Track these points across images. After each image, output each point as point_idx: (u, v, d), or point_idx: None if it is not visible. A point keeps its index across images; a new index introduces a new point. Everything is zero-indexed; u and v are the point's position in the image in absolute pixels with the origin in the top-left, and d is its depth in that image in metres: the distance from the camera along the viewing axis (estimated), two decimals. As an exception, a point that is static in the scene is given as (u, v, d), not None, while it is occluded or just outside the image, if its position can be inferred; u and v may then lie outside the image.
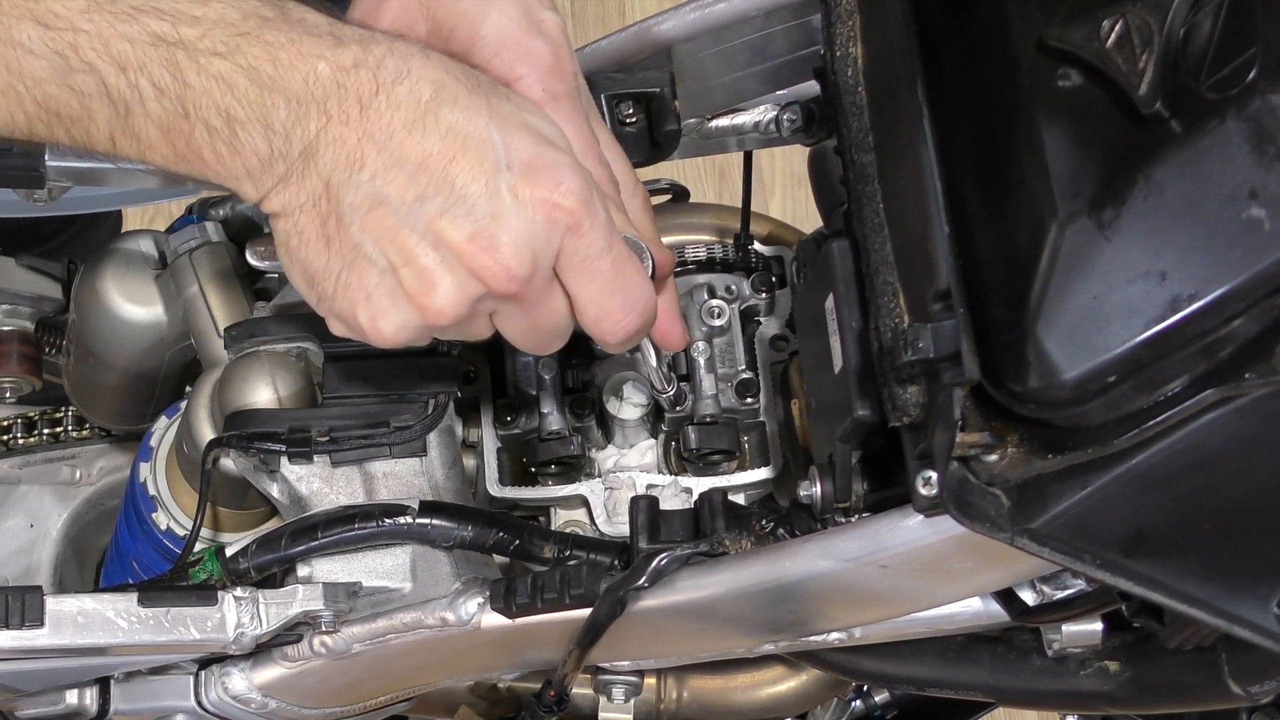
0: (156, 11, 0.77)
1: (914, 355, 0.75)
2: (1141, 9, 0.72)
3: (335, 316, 0.84)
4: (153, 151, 0.80)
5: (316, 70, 0.78)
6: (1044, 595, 0.92)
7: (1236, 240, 0.69)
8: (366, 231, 0.79)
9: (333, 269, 0.81)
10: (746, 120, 1.07)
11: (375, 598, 0.97)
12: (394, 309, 0.81)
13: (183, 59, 0.77)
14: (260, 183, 0.80)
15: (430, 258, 0.79)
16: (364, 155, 0.78)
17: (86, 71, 0.77)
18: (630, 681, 1.15)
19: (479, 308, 0.82)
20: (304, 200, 0.80)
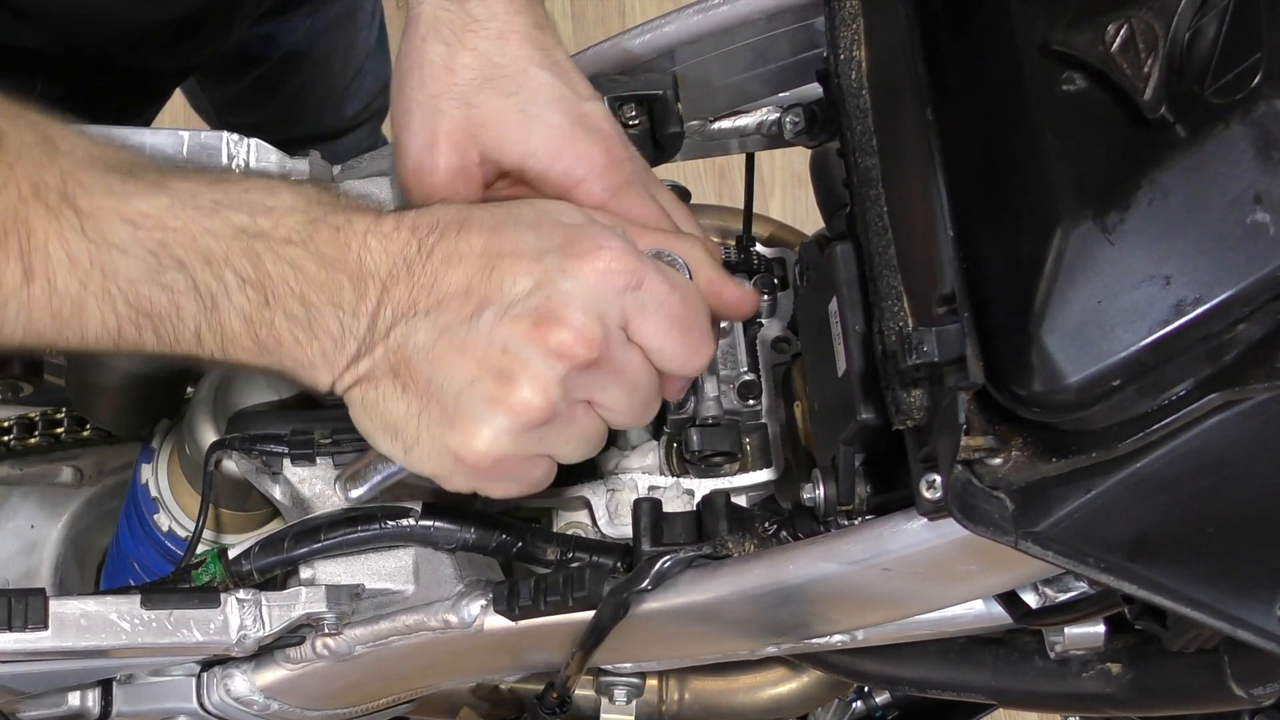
0: (234, 205, 0.79)
1: (918, 359, 0.75)
2: (1146, 13, 0.72)
3: (427, 464, 0.82)
4: (235, 346, 0.80)
5: (369, 245, 0.81)
6: (1047, 598, 0.92)
7: (1241, 245, 0.69)
8: (435, 364, 0.80)
9: (412, 411, 0.81)
10: (749, 122, 1.07)
11: (378, 600, 0.97)
12: (480, 423, 0.80)
13: (262, 248, 0.79)
14: (334, 364, 0.82)
15: (502, 359, 0.79)
16: (416, 303, 0.80)
17: (176, 268, 0.78)
18: (632, 683, 1.15)
19: (570, 392, 0.81)
20: (374, 366, 0.81)
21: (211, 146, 1.02)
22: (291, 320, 0.80)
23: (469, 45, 0.92)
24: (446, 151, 0.92)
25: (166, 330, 0.79)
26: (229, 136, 1.02)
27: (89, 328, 0.78)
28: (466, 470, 0.82)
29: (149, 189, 0.79)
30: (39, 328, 0.77)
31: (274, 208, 0.80)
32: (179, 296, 0.79)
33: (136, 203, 0.78)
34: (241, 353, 0.81)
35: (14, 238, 0.75)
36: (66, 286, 0.77)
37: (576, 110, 0.93)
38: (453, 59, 0.92)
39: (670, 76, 1.02)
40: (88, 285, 0.77)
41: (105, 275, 0.77)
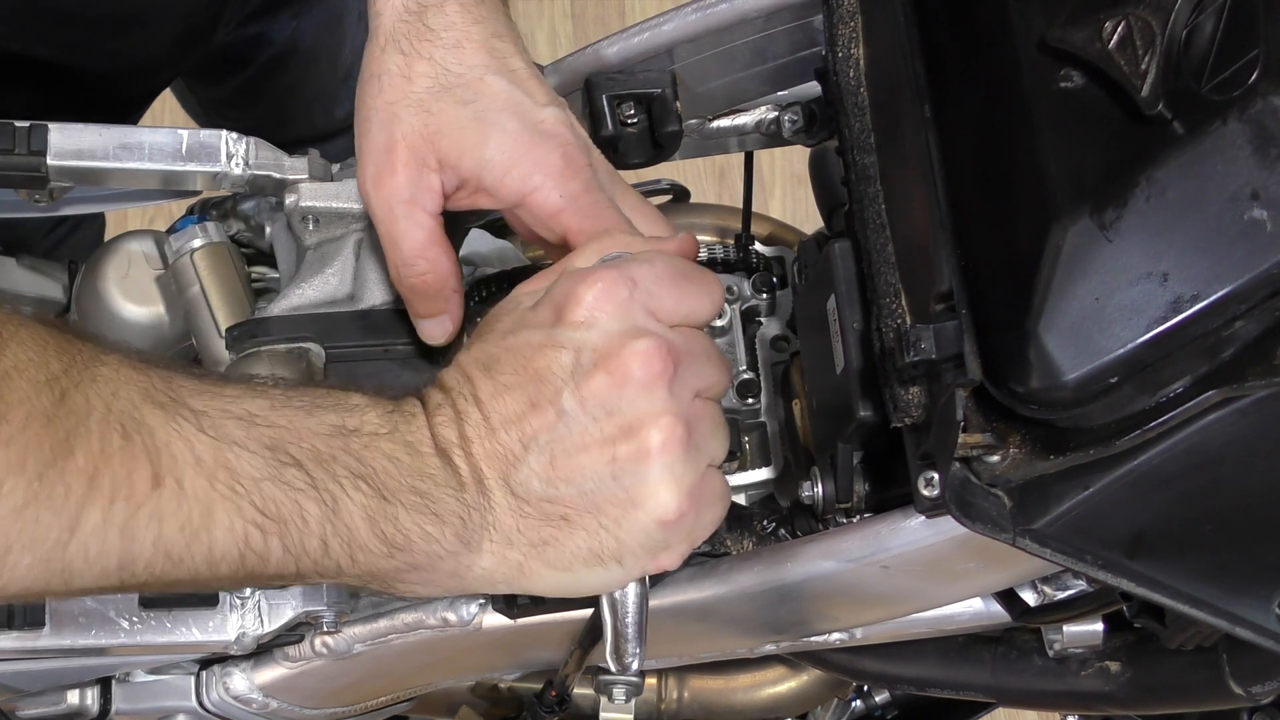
0: (325, 407, 0.79)
1: (916, 356, 0.75)
2: (1144, 10, 0.72)
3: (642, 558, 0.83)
4: (364, 552, 0.78)
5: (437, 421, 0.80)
6: (1045, 596, 0.92)
7: (1238, 241, 0.69)
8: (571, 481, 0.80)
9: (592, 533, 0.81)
10: (748, 121, 1.07)
11: (376, 598, 0.97)
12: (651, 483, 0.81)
13: (359, 445, 0.78)
14: (470, 542, 0.80)
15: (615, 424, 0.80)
16: (512, 448, 0.80)
17: (293, 465, 0.76)
18: (631, 682, 1.15)
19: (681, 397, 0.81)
20: (511, 525, 0.80)
21: (210, 145, 1.02)
22: (413, 511, 0.79)
23: (425, 54, 0.93)
24: (404, 158, 0.93)
25: (293, 538, 0.76)
26: (228, 135, 1.02)
27: (217, 538, 0.74)
28: (675, 528, 0.81)
29: (248, 392, 0.78)
30: (169, 543, 0.73)
31: (355, 406, 0.80)
32: (300, 496, 0.76)
33: (243, 403, 0.77)
34: (370, 560, 0.79)
35: (138, 438, 0.72)
36: (194, 488, 0.73)
37: (533, 117, 0.93)
38: (410, 68, 0.93)
39: (669, 75, 1.02)
40: (215, 485, 0.74)
41: (230, 473, 0.75)
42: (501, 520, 0.80)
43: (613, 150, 1.02)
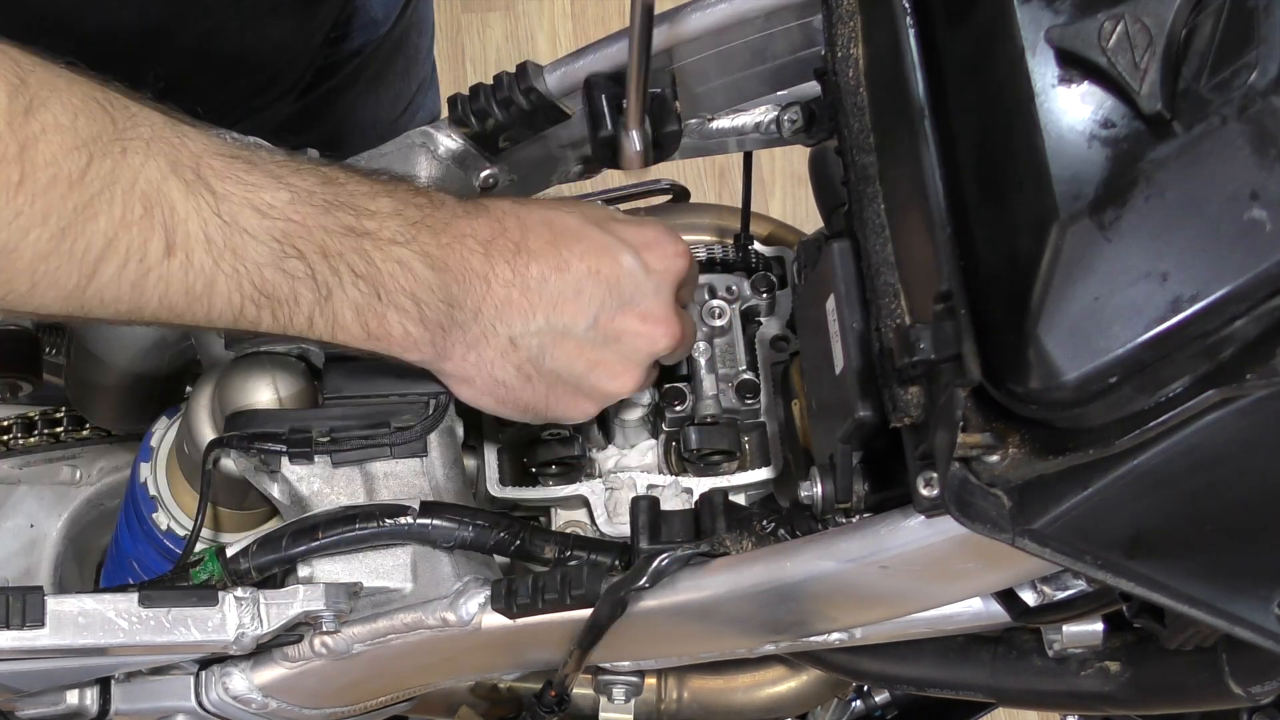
0: (344, 206, 0.87)
1: (915, 356, 0.75)
2: (1143, 10, 0.72)
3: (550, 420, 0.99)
4: (344, 332, 0.88)
5: (468, 247, 0.90)
6: (1045, 596, 0.92)
7: (1238, 241, 0.69)
8: (558, 360, 0.94)
9: (539, 394, 0.95)
10: (747, 121, 1.07)
11: (376, 598, 0.97)
12: (594, 400, 0.97)
13: (370, 247, 0.87)
14: (442, 350, 0.92)
15: (613, 354, 0.95)
16: (531, 306, 0.92)
17: (296, 257, 0.84)
18: (631, 682, 1.15)
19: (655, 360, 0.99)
20: (493, 357, 0.93)
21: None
22: (402, 313, 0.88)
23: None
24: None
25: (283, 313, 0.86)
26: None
27: (216, 304, 0.83)
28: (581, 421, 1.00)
29: (271, 182, 0.84)
30: (173, 302, 0.82)
31: (376, 211, 0.88)
32: (297, 283, 0.85)
33: (262, 194, 0.83)
34: (349, 338, 0.89)
35: (159, 211, 0.79)
36: (202, 263, 0.81)
37: None
38: None
39: (668, 75, 1.02)
40: (220, 264, 0.82)
41: (236, 256, 0.82)
42: (484, 351, 0.92)
43: (612, 150, 1.02)
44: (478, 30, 2.76)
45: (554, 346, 0.93)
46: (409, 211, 0.89)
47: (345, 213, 0.86)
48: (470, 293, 0.90)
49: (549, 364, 0.94)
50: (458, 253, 0.90)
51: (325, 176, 0.87)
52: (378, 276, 0.87)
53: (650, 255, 0.96)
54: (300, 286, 0.85)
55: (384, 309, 0.88)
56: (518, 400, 0.95)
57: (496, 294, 0.91)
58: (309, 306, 0.86)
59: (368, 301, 0.87)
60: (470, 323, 0.91)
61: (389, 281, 0.87)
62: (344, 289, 0.86)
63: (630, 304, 0.94)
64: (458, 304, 0.90)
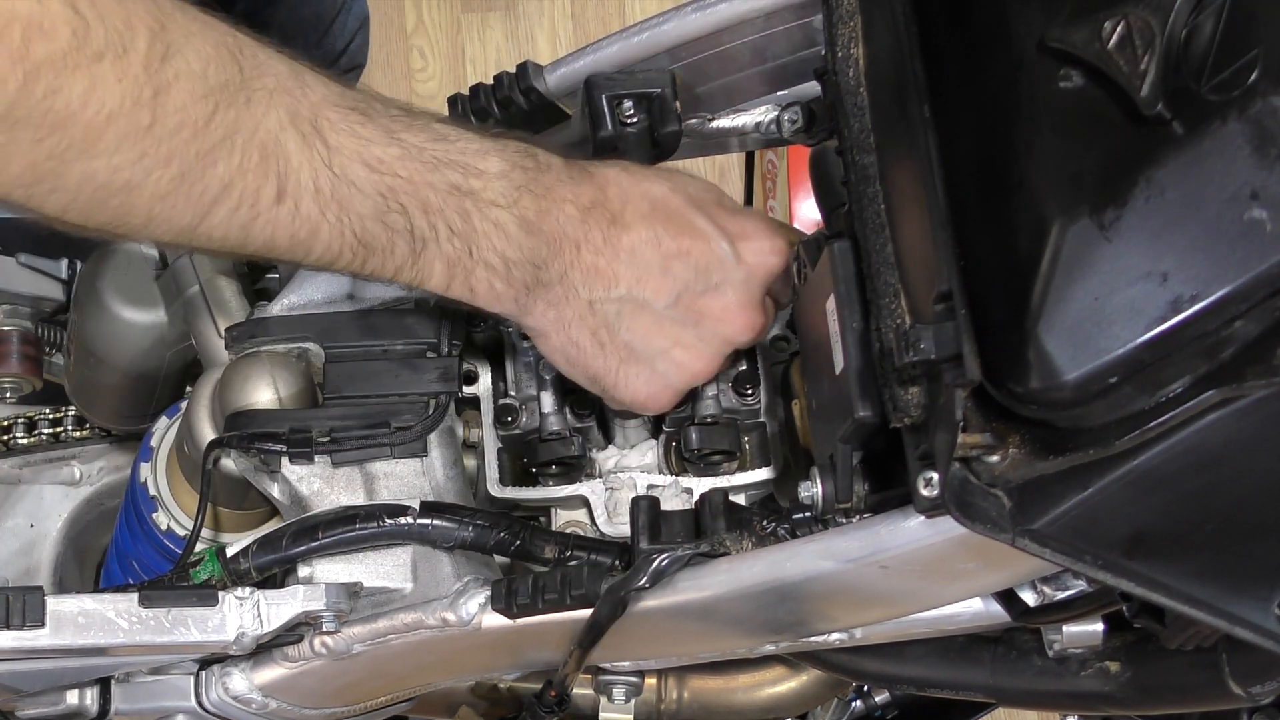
0: (452, 164, 0.89)
1: (915, 356, 0.75)
2: (1143, 10, 0.72)
3: (617, 401, 1.00)
4: (431, 280, 0.91)
5: (566, 212, 0.92)
6: (1045, 596, 0.92)
7: (1238, 242, 0.69)
8: (634, 332, 0.95)
9: (610, 366, 0.97)
10: (747, 121, 1.06)
11: (376, 598, 0.97)
12: (669, 386, 0.98)
13: (471, 207, 0.89)
14: (524, 306, 0.93)
15: (691, 335, 0.97)
16: (617, 274, 0.94)
17: (399, 212, 0.87)
18: (631, 682, 1.15)
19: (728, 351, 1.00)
20: (571, 317, 0.94)
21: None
22: (490, 270, 0.91)
23: None
24: None
25: (376, 260, 0.89)
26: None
27: (316, 248, 0.87)
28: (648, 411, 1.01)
29: (384, 137, 0.87)
30: (277, 243, 0.85)
31: (484, 171, 0.90)
32: (396, 236, 0.88)
33: (374, 149, 0.86)
34: (436, 286, 0.91)
35: (274, 160, 0.82)
36: (309, 211, 0.84)
37: None
38: None
39: (668, 75, 1.02)
40: (325, 214, 0.85)
41: (342, 207, 0.85)
42: (564, 310, 0.94)
43: (612, 150, 1.02)
44: (478, 30, 2.76)
45: (632, 317, 0.95)
46: (515, 174, 0.91)
47: (453, 170, 0.89)
48: (560, 255, 0.92)
49: (624, 334, 0.95)
50: (554, 217, 0.92)
51: (437, 133, 0.89)
52: (473, 235, 0.89)
53: (745, 246, 0.97)
54: (398, 239, 0.88)
55: (473, 265, 0.90)
56: (588, 366, 0.96)
57: (585, 259, 0.93)
58: (403, 257, 0.89)
59: (459, 257, 0.90)
60: (555, 283, 0.93)
61: (483, 241, 0.90)
62: (439, 244, 0.89)
63: (716, 290, 0.96)
64: (545, 265, 0.92)
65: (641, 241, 0.94)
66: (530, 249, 0.91)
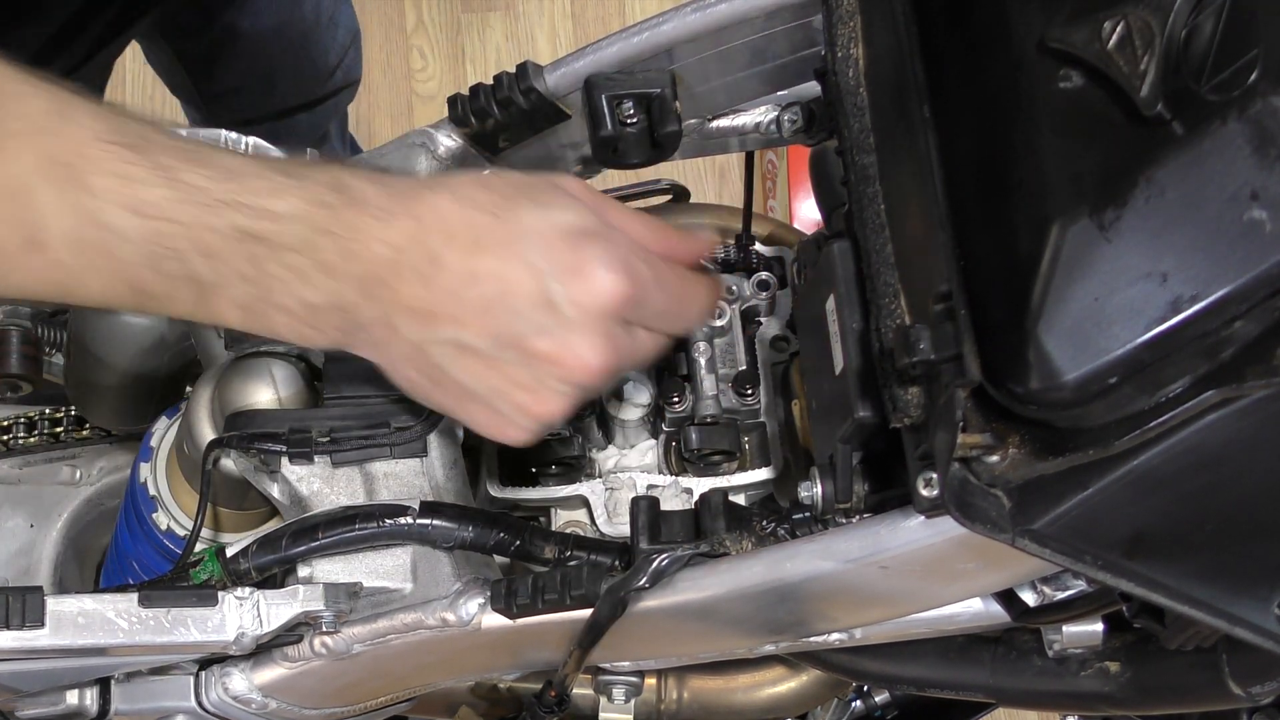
0: (238, 206, 0.82)
1: (915, 356, 0.75)
2: (1143, 10, 0.72)
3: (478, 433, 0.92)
4: (229, 322, 0.86)
5: (374, 252, 0.84)
6: (1045, 596, 0.92)
7: (1238, 242, 0.69)
8: (466, 373, 0.88)
9: (449, 405, 0.90)
10: (747, 121, 1.06)
11: (376, 598, 0.97)
12: (517, 425, 0.90)
13: (262, 252, 0.83)
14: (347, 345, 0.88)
15: (527, 376, 0.87)
16: (436, 315, 0.85)
17: (174, 259, 0.81)
18: (631, 682, 1.15)
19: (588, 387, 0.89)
20: (398, 357, 0.88)
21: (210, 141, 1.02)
22: (290, 315, 0.85)
23: None
24: None
25: (158, 305, 0.84)
26: (227, 134, 1.02)
27: (90, 294, 0.83)
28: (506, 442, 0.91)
29: (156, 177, 0.81)
30: (40, 290, 0.82)
31: (276, 213, 0.83)
32: (174, 283, 0.82)
33: (142, 191, 0.80)
34: (236, 326, 0.86)
35: (23, 209, 0.78)
36: (69, 262, 0.80)
37: None
38: None
39: (668, 75, 1.02)
40: (90, 263, 0.81)
41: (107, 256, 0.80)
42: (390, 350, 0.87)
43: (612, 150, 1.02)
44: (478, 30, 2.76)
45: (462, 358, 0.87)
46: (315, 214, 0.83)
47: (238, 212, 0.82)
48: (372, 298, 0.85)
49: (457, 374, 0.88)
50: (361, 259, 0.84)
51: (225, 170, 0.83)
52: (266, 280, 0.83)
53: (576, 285, 0.86)
54: (178, 286, 0.83)
55: (272, 311, 0.85)
56: (431, 400, 0.91)
57: (403, 299, 0.85)
58: (189, 302, 0.84)
59: (253, 303, 0.84)
60: (374, 324, 0.86)
61: (277, 285, 0.84)
62: (228, 289, 0.83)
63: (543, 331, 0.86)
64: (354, 309, 0.85)
65: (459, 281, 0.85)
66: (334, 293, 0.84)
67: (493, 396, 0.88)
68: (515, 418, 0.89)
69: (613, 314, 0.87)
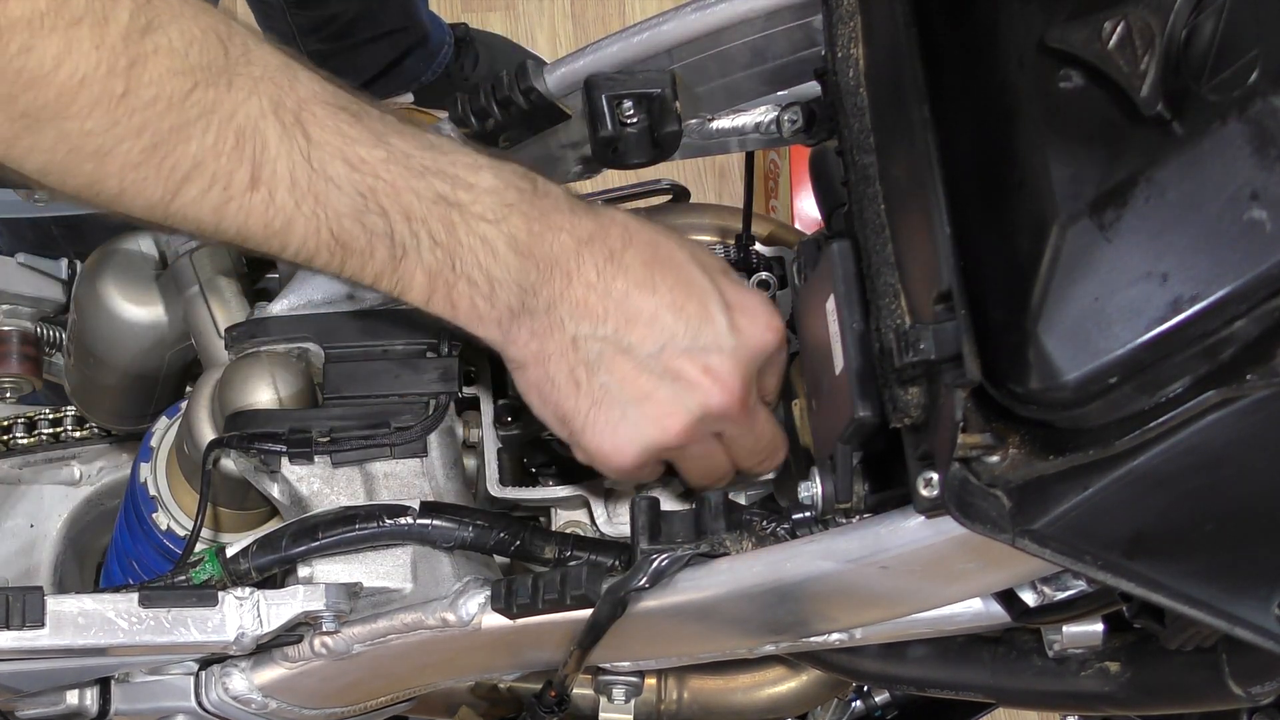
0: (441, 174, 0.87)
1: (915, 356, 0.75)
2: (1143, 10, 0.72)
3: (582, 448, 0.94)
4: (412, 291, 0.89)
5: (561, 241, 0.89)
6: (1045, 596, 0.92)
7: (1238, 242, 0.69)
8: (612, 375, 0.91)
9: (582, 407, 0.92)
10: (747, 121, 1.06)
11: (376, 598, 0.97)
12: (636, 440, 0.92)
13: (457, 219, 0.87)
14: (508, 332, 0.90)
15: (667, 391, 0.91)
16: (606, 313, 0.90)
17: (379, 214, 0.86)
18: (631, 682, 1.15)
19: (706, 428, 0.93)
20: (552, 350, 0.91)
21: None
22: (473, 286, 0.88)
23: None
24: None
25: (356, 263, 0.87)
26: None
27: (291, 242, 0.86)
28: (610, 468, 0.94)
29: (370, 139, 0.86)
30: (251, 231, 0.85)
31: (474, 185, 0.88)
32: (375, 239, 0.86)
33: (358, 148, 0.85)
34: (417, 299, 0.89)
35: (250, 146, 0.82)
36: (284, 202, 0.84)
37: None
38: None
39: (668, 75, 1.02)
40: (300, 207, 0.84)
41: (318, 202, 0.85)
42: (546, 342, 0.90)
43: (612, 150, 1.02)
44: (478, 30, 2.76)
45: (613, 360, 0.91)
46: (508, 193, 0.89)
47: (440, 179, 0.87)
48: (549, 283, 0.89)
49: (602, 376, 0.91)
50: (547, 242, 0.89)
51: (428, 142, 0.88)
52: (457, 248, 0.87)
53: (742, 318, 0.92)
54: (377, 242, 0.86)
55: (456, 279, 0.88)
56: (560, 405, 0.92)
57: (576, 292, 0.90)
58: (382, 262, 0.87)
59: (441, 269, 0.88)
60: (541, 312, 0.90)
61: (467, 255, 0.88)
62: (420, 253, 0.87)
63: (701, 351, 0.91)
64: (533, 291, 0.89)
65: (636, 285, 0.90)
66: (518, 270, 0.88)
67: (629, 404, 0.91)
68: (642, 430, 0.92)
69: (763, 354, 0.93)
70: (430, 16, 2.35)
